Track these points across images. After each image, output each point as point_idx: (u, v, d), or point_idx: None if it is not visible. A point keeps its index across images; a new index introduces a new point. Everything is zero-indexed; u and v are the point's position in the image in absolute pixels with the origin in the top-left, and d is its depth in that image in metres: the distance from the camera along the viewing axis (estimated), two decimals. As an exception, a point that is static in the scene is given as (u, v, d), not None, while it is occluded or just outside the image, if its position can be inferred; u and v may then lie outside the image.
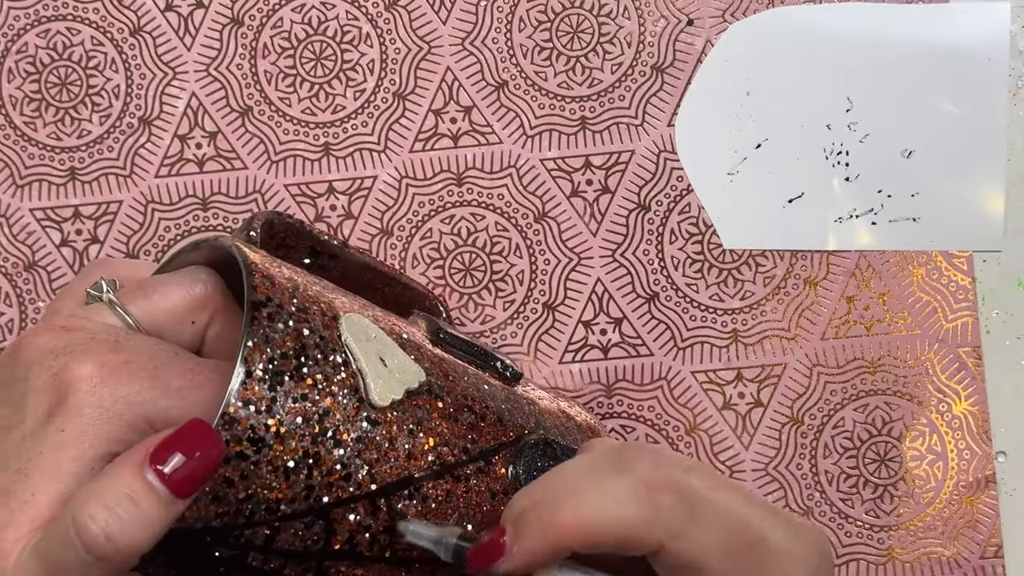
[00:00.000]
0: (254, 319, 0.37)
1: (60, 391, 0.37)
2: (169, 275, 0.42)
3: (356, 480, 0.38)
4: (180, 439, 0.35)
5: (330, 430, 0.37)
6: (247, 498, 0.36)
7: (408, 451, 0.39)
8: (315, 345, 0.38)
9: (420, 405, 0.40)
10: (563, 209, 0.53)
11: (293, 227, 0.47)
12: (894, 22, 0.53)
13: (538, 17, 0.54)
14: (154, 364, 0.39)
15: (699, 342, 0.53)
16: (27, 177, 0.54)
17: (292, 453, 0.37)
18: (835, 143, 0.53)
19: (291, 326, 0.38)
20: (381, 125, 0.54)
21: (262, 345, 0.37)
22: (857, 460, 0.52)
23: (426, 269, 0.54)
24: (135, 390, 0.38)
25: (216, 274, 0.42)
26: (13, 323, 0.54)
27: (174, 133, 0.54)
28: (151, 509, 0.34)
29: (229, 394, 0.36)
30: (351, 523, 0.38)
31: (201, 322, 0.42)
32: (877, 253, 0.53)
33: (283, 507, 0.37)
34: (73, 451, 0.36)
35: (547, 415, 0.45)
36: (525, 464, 0.42)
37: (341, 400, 0.38)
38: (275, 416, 0.36)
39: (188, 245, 0.42)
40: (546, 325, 0.53)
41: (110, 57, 0.54)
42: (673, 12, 0.53)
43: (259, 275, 0.38)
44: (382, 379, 0.39)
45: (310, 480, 0.37)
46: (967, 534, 0.52)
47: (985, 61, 0.52)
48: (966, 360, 0.52)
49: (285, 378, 0.37)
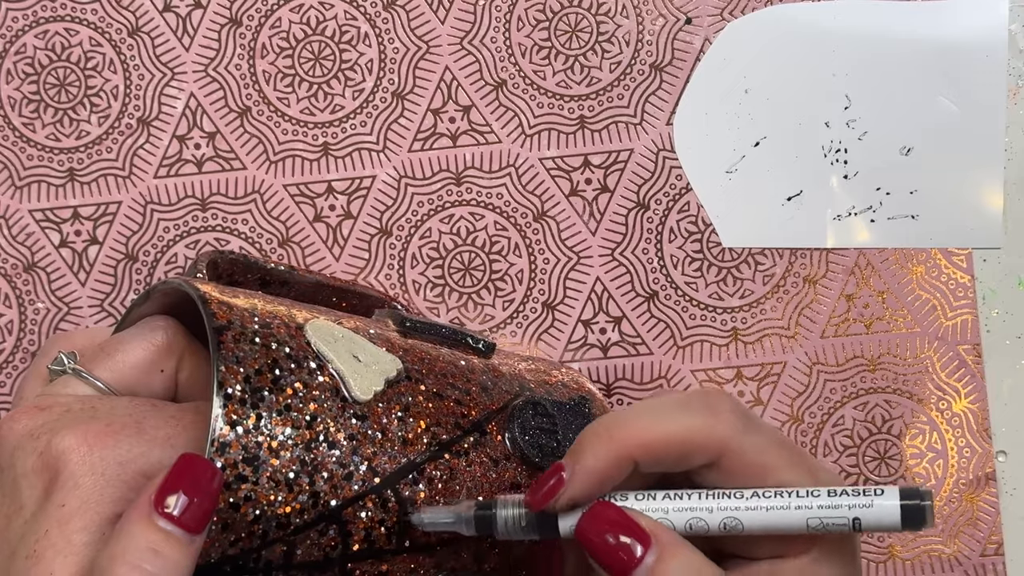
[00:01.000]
0: (220, 343, 0.37)
1: (51, 468, 0.37)
2: (127, 331, 0.43)
3: (359, 477, 0.38)
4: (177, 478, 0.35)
5: (321, 434, 0.38)
6: (256, 519, 0.36)
7: (403, 438, 0.39)
8: (286, 356, 0.38)
9: (403, 391, 0.40)
10: (562, 208, 0.53)
11: (238, 262, 0.48)
12: (893, 20, 0.53)
13: (536, 16, 0.54)
14: (136, 420, 0.39)
15: (699, 341, 0.53)
16: (26, 178, 0.54)
17: (290, 464, 0.37)
18: (834, 141, 0.53)
19: (258, 343, 0.38)
20: (380, 125, 0.54)
21: (234, 366, 0.37)
22: (857, 458, 0.52)
23: (425, 269, 0.54)
24: (124, 449, 0.38)
25: (174, 320, 0.43)
26: (13, 324, 0.54)
27: (173, 134, 0.54)
28: (174, 554, 0.34)
29: (214, 420, 0.36)
30: (364, 521, 0.38)
31: (170, 368, 0.42)
32: (876, 251, 0.53)
33: (294, 520, 0.37)
34: (79, 522, 0.36)
35: (529, 378, 0.45)
36: (520, 426, 0.42)
37: (325, 403, 0.38)
38: (264, 432, 0.37)
39: (139, 298, 0.43)
40: (546, 324, 0.53)
41: (108, 58, 0.54)
42: (671, 10, 0.53)
43: (215, 302, 0.39)
44: (360, 374, 0.39)
45: (314, 487, 0.37)
46: (967, 532, 0.52)
47: (984, 58, 0.52)
48: (966, 358, 0.52)
49: (265, 393, 0.37)
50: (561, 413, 0.44)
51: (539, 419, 0.43)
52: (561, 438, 0.43)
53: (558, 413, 0.43)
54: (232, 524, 0.36)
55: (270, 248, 0.54)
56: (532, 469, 0.42)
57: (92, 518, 0.36)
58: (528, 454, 0.42)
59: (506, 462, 0.41)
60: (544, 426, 0.43)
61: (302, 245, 0.54)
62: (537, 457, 0.42)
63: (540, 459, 0.42)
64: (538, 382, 0.45)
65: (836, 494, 0.36)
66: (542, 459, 0.42)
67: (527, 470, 0.42)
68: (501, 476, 0.41)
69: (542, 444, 0.42)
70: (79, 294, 0.54)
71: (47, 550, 0.36)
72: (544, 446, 0.42)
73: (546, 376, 0.46)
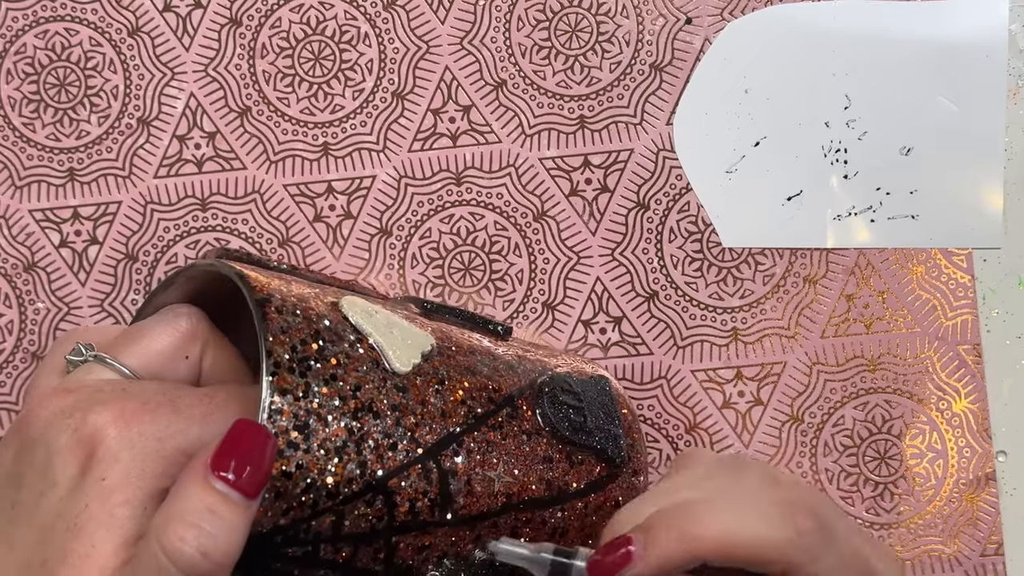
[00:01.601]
0: (264, 314, 0.37)
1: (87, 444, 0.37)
2: (151, 318, 0.42)
3: (403, 447, 0.38)
4: (232, 443, 0.35)
5: (366, 403, 0.38)
6: (307, 487, 0.36)
7: (441, 410, 0.40)
8: (327, 329, 0.39)
9: (438, 366, 0.41)
10: (562, 208, 0.53)
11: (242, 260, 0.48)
12: (893, 20, 0.53)
13: (536, 16, 0.54)
14: (169, 399, 0.38)
15: (699, 341, 0.53)
16: (26, 178, 0.54)
17: (338, 433, 0.37)
18: (834, 141, 0.53)
19: (299, 315, 0.38)
20: (380, 125, 0.54)
21: (280, 336, 0.37)
22: (857, 458, 0.52)
23: (425, 269, 0.54)
24: (162, 426, 0.37)
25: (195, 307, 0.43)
26: (13, 324, 0.54)
27: (173, 133, 0.54)
28: (232, 516, 0.34)
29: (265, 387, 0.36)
30: (409, 492, 0.38)
31: (195, 355, 0.42)
32: (876, 251, 0.53)
33: (343, 489, 0.37)
34: (120, 496, 0.36)
35: (547, 360, 0.46)
36: (549, 400, 0.43)
37: (368, 374, 0.38)
38: (313, 400, 0.37)
39: (160, 285, 0.43)
40: (546, 324, 0.53)
41: (108, 58, 0.54)
42: (671, 10, 0.53)
43: (251, 278, 0.39)
44: (398, 347, 0.40)
45: (361, 456, 0.37)
46: (967, 532, 0.52)
47: (983, 58, 0.52)
48: (966, 358, 0.52)
49: (311, 362, 0.37)
50: (585, 391, 0.45)
51: (566, 395, 0.44)
52: (588, 414, 0.44)
53: (583, 391, 0.44)
54: (284, 493, 0.36)
55: (270, 248, 0.54)
56: (562, 443, 0.43)
57: (135, 492, 0.36)
58: (559, 428, 0.42)
59: (538, 436, 0.42)
60: (571, 402, 0.44)
61: (302, 245, 0.54)
62: (568, 431, 0.43)
63: (571, 433, 0.43)
64: (556, 364, 0.46)
65: None
66: (572, 434, 0.43)
67: (557, 444, 0.43)
68: (534, 450, 0.42)
69: (571, 419, 0.43)
70: (79, 294, 0.54)
71: (88, 523, 0.36)
72: (573, 421, 0.43)
73: (560, 361, 0.47)
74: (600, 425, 0.44)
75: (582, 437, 0.43)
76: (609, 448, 0.44)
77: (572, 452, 0.43)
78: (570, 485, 0.42)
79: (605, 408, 0.45)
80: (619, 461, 0.44)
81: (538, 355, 0.46)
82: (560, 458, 0.42)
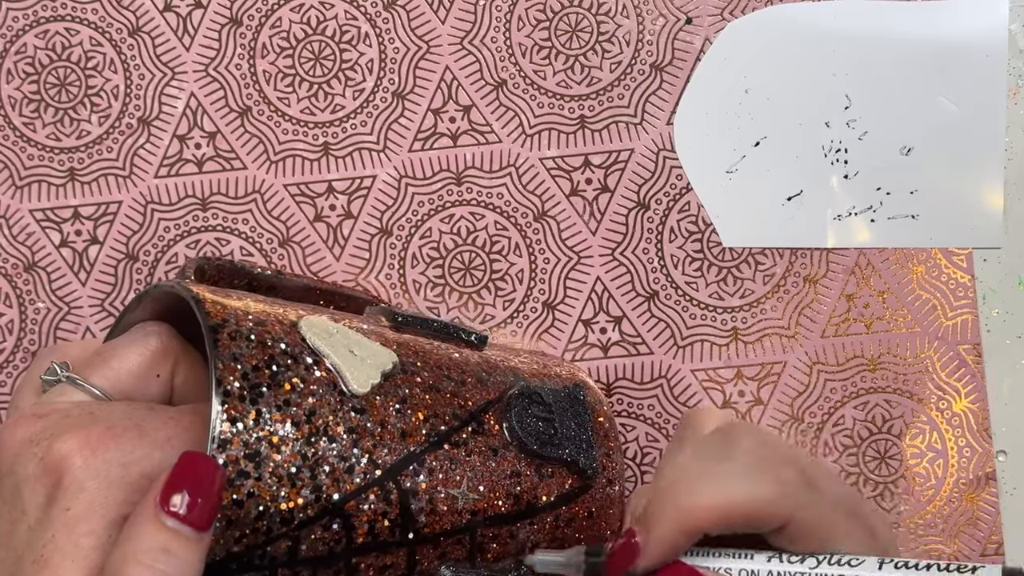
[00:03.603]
0: (216, 341, 0.37)
1: (53, 473, 0.37)
2: (122, 337, 0.43)
3: (360, 470, 0.38)
4: (180, 476, 0.35)
5: (321, 428, 0.38)
6: (260, 515, 0.36)
7: (402, 430, 0.39)
8: (283, 352, 0.39)
9: (400, 384, 0.40)
10: (562, 208, 0.53)
11: (225, 268, 0.48)
12: (893, 19, 0.53)
13: (537, 16, 0.54)
14: (135, 423, 0.39)
15: (699, 340, 0.53)
16: (26, 178, 0.54)
17: (291, 459, 0.37)
18: (834, 141, 0.53)
19: (254, 340, 0.38)
20: (380, 125, 0.54)
21: (231, 363, 0.37)
22: (857, 458, 0.52)
23: (425, 268, 0.54)
24: (126, 451, 0.38)
25: (167, 324, 0.43)
26: (13, 323, 0.54)
27: (173, 133, 0.54)
28: (186, 552, 0.35)
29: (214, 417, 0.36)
30: (367, 513, 0.38)
31: (166, 373, 0.42)
32: (877, 251, 0.53)
33: (297, 515, 0.37)
34: (85, 526, 0.36)
35: (522, 369, 0.46)
36: (517, 414, 0.43)
37: (323, 397, 0.38)
38: (264, 427, 0.37)
39: (130, 304, 0.43)
40: (546, 324, 0.53)
41: (109, 57, 0.54)
42: (672, 10, 0.53)
43: (208, 302, 0.39)
44: (356, 368, 0.40)
45: (316, 481, 0.37)
46: (967, 531, 0.52)
47: (984, 56, 0.52)
48: (966, 358, 0.52)
49: (263, 389, 0.37)
50: (557, 401, 0.44)
51: (535, 407, 0.43)
52: (558, 425, 0.43)
53: (554, 401, 0.44)
54: (236, 521, 0.36)
55: (270, 248, 0.54)
56: (530, 457, 0.42)
57: (99, 521, 0.36)
58: (526, 442, 0.42)
59: (505, 451, 0.42)
60: (540, 414, 0.43)
61: (302, 245, 0.54)
62: (535, 445, 0.42)
63: (538, 447, 0.42)
64: (532, 372, 0.46)
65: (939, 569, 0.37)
66: (540, 447, 0.42)
67: (526, 458, 0.42)
68: (500, 465, 0.41)
69: (539, 432, 0.43)
70: (79, 294, 0.54)
71: (54, 554, 0.36)
72: (542, 434, 0.43)
73: (539, 367, 0.47)
74: (571, 436, 0.43)
75: (550, 450, 0.42)
76: (580, 459, 0.43)
77: (541, 465, 0.42)
78: (540, 498, 0.42)
79: (578, 418, 0.44)
80: (591, 472, 0.43)
81: (513, 362, 0.46)
82: (529, 472, 0.42)
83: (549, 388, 0.44)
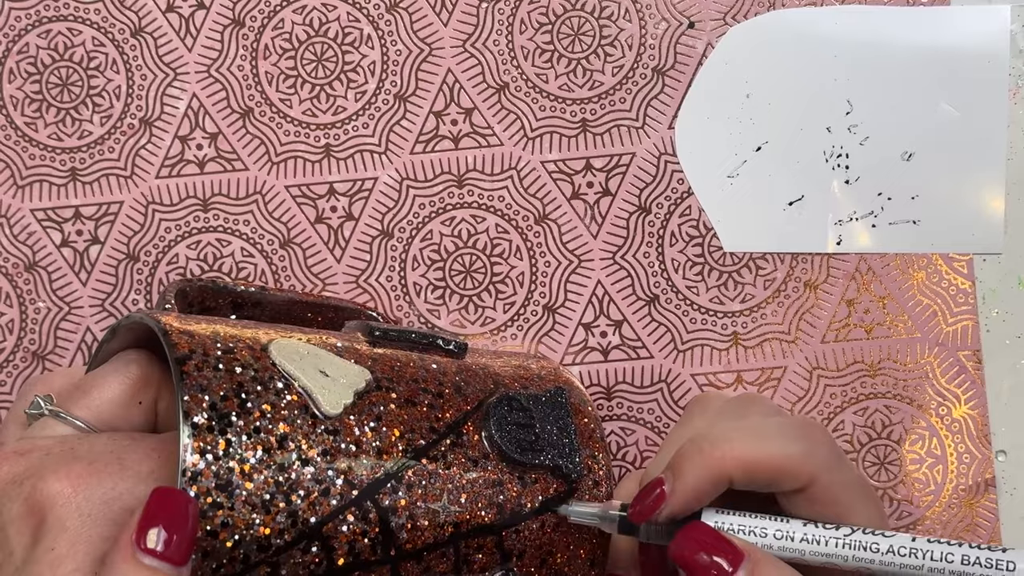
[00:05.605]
0: (183, 374, 0.37)
1: (37, 513, 0.37)
2: (102, 368, 0.43)
3: (336, 492, 0.38)
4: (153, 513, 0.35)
5: (294, 452, 0.38)
6: (236, 544, 0.36)
7: (377, 448, 0.39)
8: (252, 379, 0.39)
9: (374, 402, 0.40)
10: (564, 211, 0.53)
11: (207, 288, 0.48)
12: (894, 24, 0.53)
13: (539, 19, 0.54)
14: (117, 456, 0.39)
15: (699, 345, 0.53)
16: (28, 177, 0.54)
17: (264, 486, 0.37)
18: (835, 146, 0.53)
19: (221, 369, 0.38)
20: (382, 127, 0.54)
21: (198, 394, 0.37)
22: (857, 463, 0.52)
23: (426, 271, 0.54)
24: (108, 487, 0.38)
25: (146, 352, 0.43)
26: (13, 323, 0.54)
27: (175, 134, 0.54)
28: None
29: (182, 450, 0.36)
30: (347, 534, 0.38)
31: (148, 400, 0.42)
32: (877, 256, 0.53)
33: (274, 541, 0.37)
34: (70, 564, 0.36)
35: (503, 374, 0.45)
36: (496, 423, 0.42)
37: (295, 421, 0.38)
38: (235, 457, 0.37)
39: (106, 335, 0.43)
40: (546, 327, 0.53)
41: (111, 58, 0.54)
42: (674, 15, 0.53)
43: (175, 333, 0.39)
44: (328, 389, 0.39)
45: (291, 506, 0.37)
46: (966, 537, 0.52)
47: (985, 63, 0.52)
48: (966, 364, 0.52)
49: (232, 418, 0.37)
50: (537, 406, 0.44)
51: (515, 414, 0.43)
52: (539, 431, 0.43)
53: (534, 407, 0.44)
54: (212, 552, 0.36)
55: (271, 249, 0.54)
56: (513, 465, 0.42)
57: (83, 559, 0.36)
58: (506, 450, 0.42)
59: (485, 461, 0.42)
60: (520, 421, 0.43)
61: (303, 246, 0.54)
62: (516, 453, 0.42)
63: (519, 454, 0.42)
64: (513, 377, 0.45)
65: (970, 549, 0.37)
66: (521, 454, 0.42)
67: (508, 467, 0.42)
68: (482, 475, 0.41)
69: (520, 439, 0.42)
70: (80, 294, 0.54)
71: None
72: (522, 441, 0.42)
73: (521, 371, 0.46)
74: (553, 441, 0.43)
75: (531, 456, 0.42)
76: (563, 464, 0.43)
77: (524, 472, 0.42)
78: (524, 506, 0.42)
79: (560, 422, 0.44)
80: (575, 476, 0.43)
81: (494, 368, 0.46)
82: (511, 480, 0.42)
83: (530, 393, 0.44)
